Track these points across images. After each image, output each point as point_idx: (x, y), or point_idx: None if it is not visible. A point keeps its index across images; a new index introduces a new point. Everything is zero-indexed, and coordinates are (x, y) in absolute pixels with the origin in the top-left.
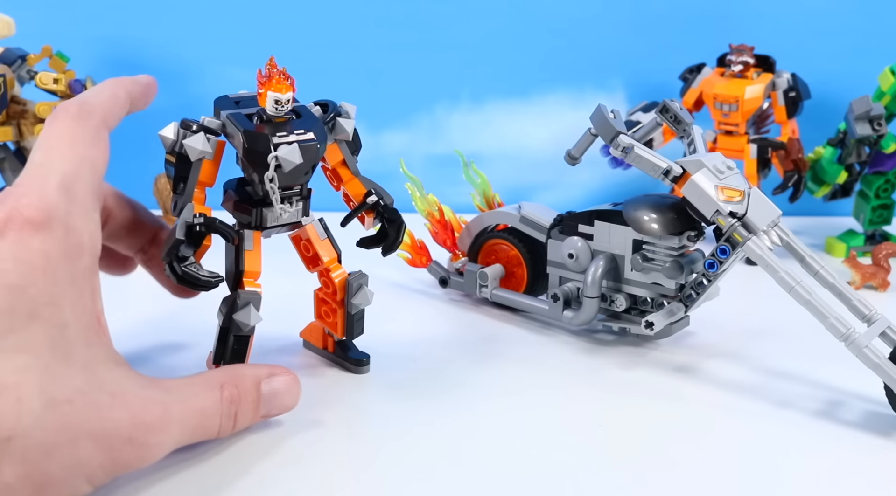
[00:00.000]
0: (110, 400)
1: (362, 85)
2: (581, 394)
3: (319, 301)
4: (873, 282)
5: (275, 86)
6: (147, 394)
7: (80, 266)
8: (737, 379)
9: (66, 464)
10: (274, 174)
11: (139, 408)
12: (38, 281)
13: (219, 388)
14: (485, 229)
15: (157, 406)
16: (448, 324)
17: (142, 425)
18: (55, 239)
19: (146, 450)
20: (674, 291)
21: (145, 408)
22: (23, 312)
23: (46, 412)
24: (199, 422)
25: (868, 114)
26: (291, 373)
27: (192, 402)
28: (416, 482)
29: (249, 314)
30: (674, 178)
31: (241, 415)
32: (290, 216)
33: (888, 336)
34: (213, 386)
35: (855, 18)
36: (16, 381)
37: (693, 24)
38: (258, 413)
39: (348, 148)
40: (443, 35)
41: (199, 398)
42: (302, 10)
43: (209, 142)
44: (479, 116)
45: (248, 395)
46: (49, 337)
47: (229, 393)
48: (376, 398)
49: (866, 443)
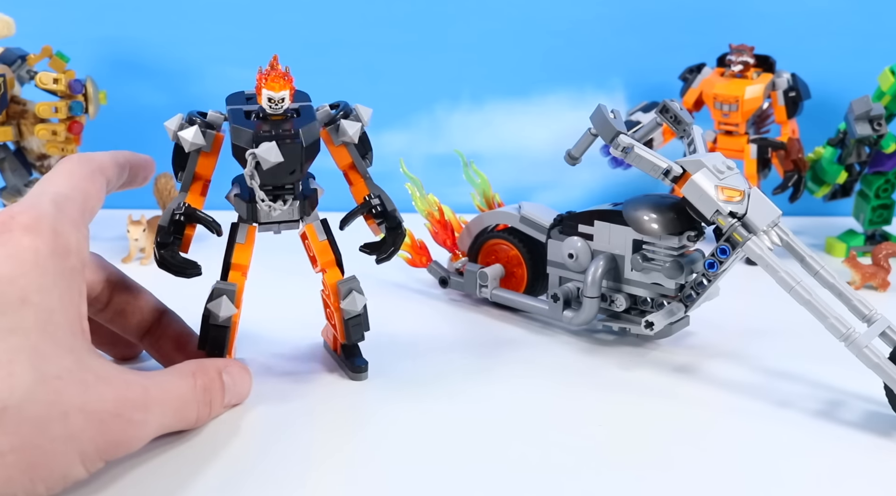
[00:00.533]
0: (95, 379)
1: (362, 85)
2: (581, 394)
3: (324, 303)
4: (873, 282)
5: (269, 83)
6: (128, 377)
7: (68, 265)
8: (737, 379)
9: (58, 437)
10: (254, 171)
11: (122, 387)
12: (29, 272)
13: (192, 377)
14: (485, 229)
15: (138, 387)
16: (448, 324)
17: (127, 401)
18: (44, 239)
19: (133, 426)
20: (674, 291)
21: (128, 388)
22: (14, 298)
23: (37, 386)
24: (178, 407)
25: (868, 114)
26: (243, 365)
27: (170, 387)
28: (415, 481)
29: (220, 305)
30: (674, 177)
31: (215, 402)
32: (283, 214)
33: (888, 336)
34: (187, 374)
35: (855, 18)
36: (8, 359)
37: (693, 24)
38: (223, 401)
39: (357, 151)
40: (443, 35)
41: (175, 385)
42: (302, 10)
43: (204, 135)
44: (479, 116)
45: (216, 384)
46: (39, 320)
47: (202, 381)
48: (376, 398)
49: (866, 443)
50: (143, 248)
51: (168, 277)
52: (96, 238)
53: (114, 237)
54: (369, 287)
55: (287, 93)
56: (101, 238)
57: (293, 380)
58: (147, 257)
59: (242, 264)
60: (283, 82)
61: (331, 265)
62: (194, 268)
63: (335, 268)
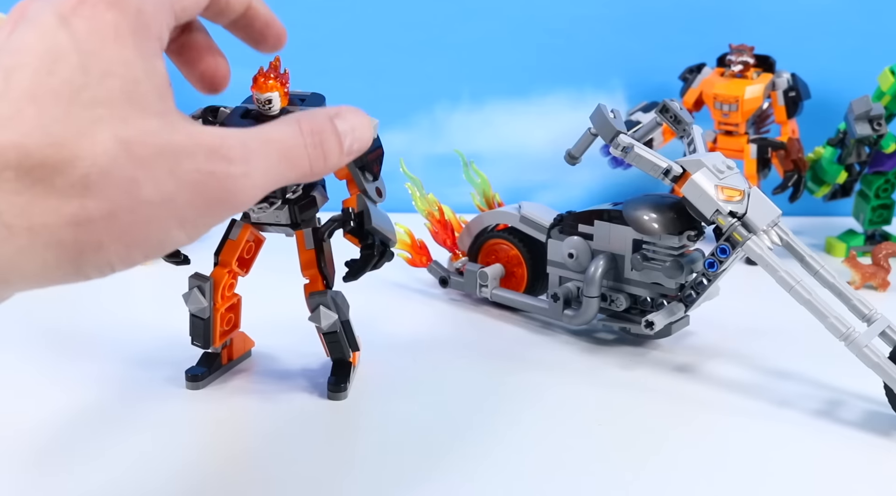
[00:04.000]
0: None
1: (362, 85)
2: (581, 393)
3: None
4: (873, 282)
5: (255, 85)
6: (223, 132)
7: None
8: (737, 379)
9: (151, 200)
10: None
11: (217, 143)
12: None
13: (296, 123)
14: (485, 229)
15: (234, 140)
16: (448, 324)
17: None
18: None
19: (232, 180)
20: (674, 291)
21: (223, 142)
22: (97, 71)
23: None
24: (283, 154)
25: (868, 114)
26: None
27: (271, 134)
28: (415, 481)
29: (189, 296)
30: (674, 177)
31: (328, 146)
32: (269, 217)
33: (888, 335)
34: (291, 121)
35: (855, 18)
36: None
37: (693, 24)
38: (343, 147)
39: (353, 164)
40: (443, 35)
41: (276, 131)
42: (302, 10)
43: None
44: (479, 116)
45: (327, 128)
46: (124, 91)
47: (309, 125)
48: (376, 397)
49: (866, 443)
50: None
51: (168, 278)
52: None
53: None
54: (369, 287)
55: (274, 95)
56: None
57: (294, 377)
58: None
59: (228, 260)
60: (270, 84)
61: (314, 277)
62: (180, 258)
63: (317, 280)
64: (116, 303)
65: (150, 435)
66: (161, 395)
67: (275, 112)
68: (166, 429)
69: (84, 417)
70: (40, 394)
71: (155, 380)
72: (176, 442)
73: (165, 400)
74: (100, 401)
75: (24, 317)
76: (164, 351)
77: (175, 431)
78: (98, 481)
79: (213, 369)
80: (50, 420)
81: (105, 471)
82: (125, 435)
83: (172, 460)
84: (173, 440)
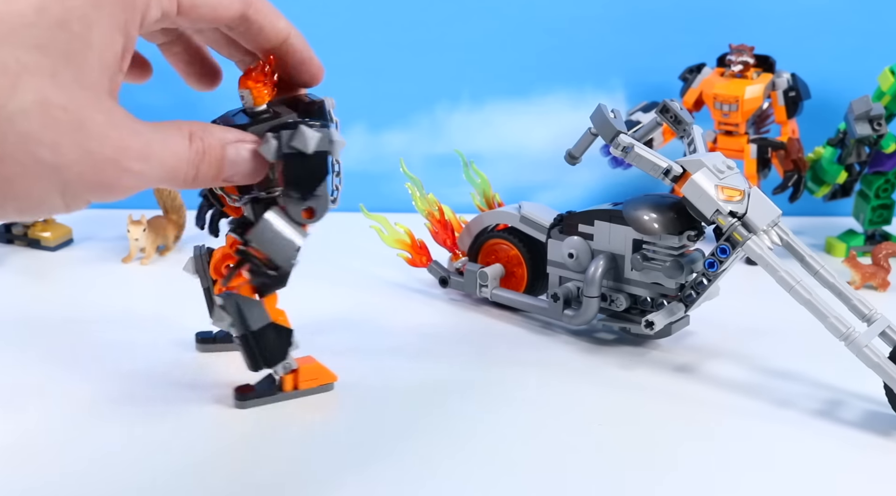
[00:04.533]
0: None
1: (362, 85)
2: (581, 393)
3: None
4: (873, 282)
5: (241, 82)
6: (137, 126)
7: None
8: (737, 379)
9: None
10: None
11: (128, 133)
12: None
13: (188, 137)
14: (485, 229)
15: (143, 137)
16: (448, 325)
17: (129, 150)
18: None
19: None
20: (674, 291)
21: (133, 135)
22: (53, 16)
23: (36, 107)
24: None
25: (868, 114)
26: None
27: (169, 143)
28: (415, 481)
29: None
30: (674, 177)
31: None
32: (244, 209)
33: (888, 335)
34: (184, 133)
35: (855, 18)
36: (18, 71)
37: (693, 24)
38: (221, 174)
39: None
40: (443, 35)
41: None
42: (302, 10)
43: None
44: (479, 116)
45: (214, 152)
46: (69, 48)
47: (197, 145)
48: (375, 397)
49: (866, 443)
50: (144, 247)
51: (167, 278)
52: (96, 238)
53: (114, 237)
54: (370, 287)
55: (245, 92)
56: (101, 238)
57: None
58: (147, 257)
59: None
60: (244, 80)
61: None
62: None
63: None
64: (116, 303)
65: (151, 435)
66: (161, 395)
67: (250, 106)
68: (168, 428)
69: (84, 417)
70: (40, 394)
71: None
72: (176, 442)
73: (166, 400)
74: (98, 402)
75: (24, 316)
76: (165, 350)
77: (175, 431)
78: (98, 481)
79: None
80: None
81: (105, 471)
82: (125, 435)
83: (172, 460)
84: (174, 440)
